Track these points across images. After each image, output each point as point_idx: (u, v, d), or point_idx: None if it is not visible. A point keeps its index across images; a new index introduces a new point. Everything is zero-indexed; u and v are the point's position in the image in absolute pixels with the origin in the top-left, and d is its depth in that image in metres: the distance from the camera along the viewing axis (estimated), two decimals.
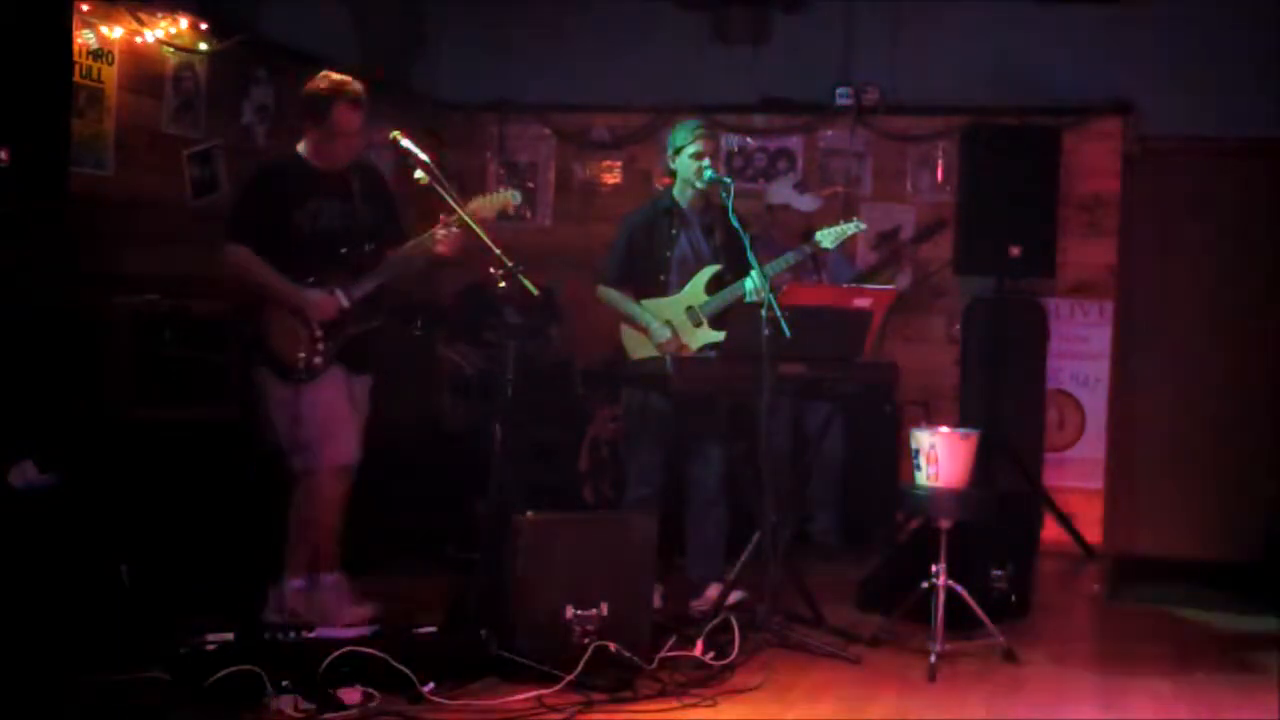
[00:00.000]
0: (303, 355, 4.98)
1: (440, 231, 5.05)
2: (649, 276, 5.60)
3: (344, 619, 4.92)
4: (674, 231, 5.61)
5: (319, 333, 5.01)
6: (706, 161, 5.47)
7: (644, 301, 5.57)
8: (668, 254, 5.60)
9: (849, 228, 5.58)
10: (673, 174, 5.63)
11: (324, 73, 5.05)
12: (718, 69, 7.85)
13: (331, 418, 5.02)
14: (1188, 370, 7.53)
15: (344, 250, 5.05)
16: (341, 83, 4.99)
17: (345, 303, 5.03)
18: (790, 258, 5.67)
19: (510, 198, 5.19)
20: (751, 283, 5.40)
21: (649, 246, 5.61)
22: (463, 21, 8.10)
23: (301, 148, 5.10)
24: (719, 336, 5.50)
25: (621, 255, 5.63)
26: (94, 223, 5.56)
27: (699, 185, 5.53)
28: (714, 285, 5.58)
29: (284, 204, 4.99)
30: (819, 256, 6.24)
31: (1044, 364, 7.40)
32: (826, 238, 5.56)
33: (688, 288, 5.59)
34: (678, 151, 5.56)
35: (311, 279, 5.01)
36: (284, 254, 4.96)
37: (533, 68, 8.02)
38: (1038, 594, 5.94)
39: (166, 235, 5.99)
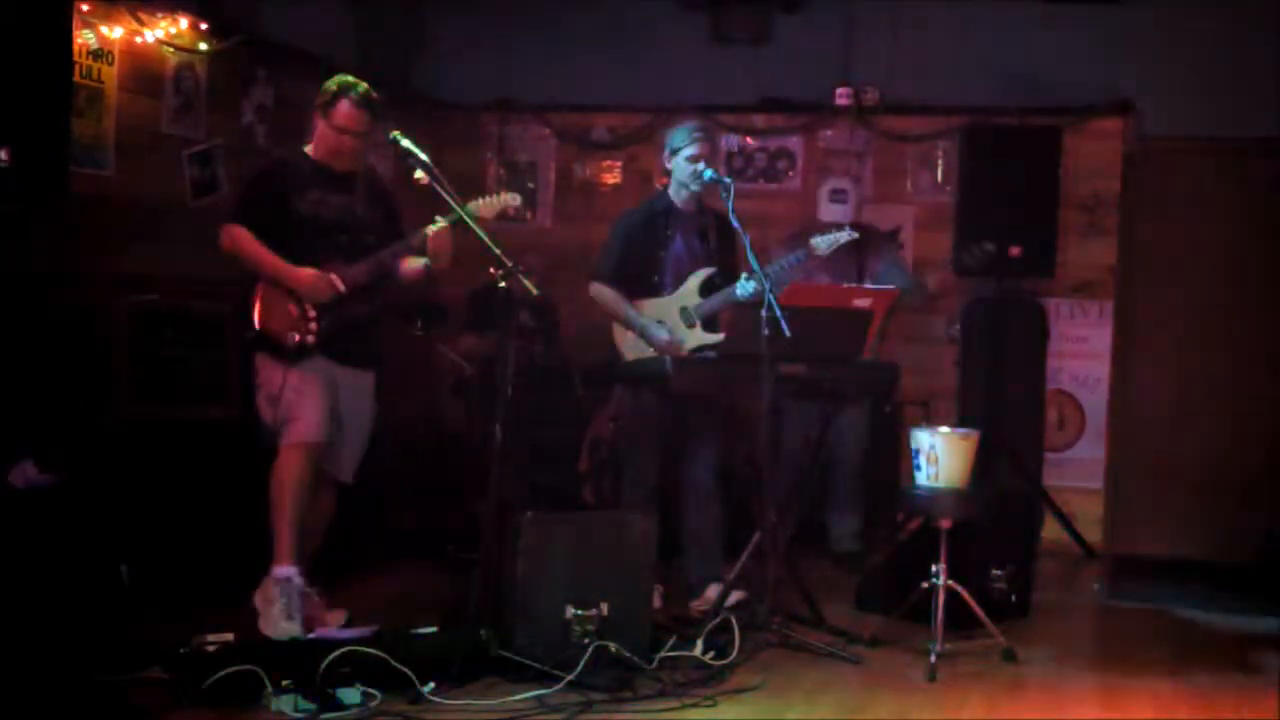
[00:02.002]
0: (294, 333, 4.98)
1: (431, 229, 5.05)
2: (643, 276, 5.61)
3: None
4: (669, 232, 5.63)
5: (311, 312, 5.01)
6: (702, 165, 5.49)
7: (639, 302, 5.58)
8: (662, 254, 5.62)
9: (841, 236, 5.62)
10: (669, 174, 5.65)
11: (340, 74, 5.10)
12: (718, 69, 7.85)
13: (302, 397, 4.97)
14: (1188, 370, 7.53)
15: (344, 240, 5.06)
16: (350, 82, 5.05)
17: (341, 286, 5.02)
18: (787, 261, 5.69)
19: (510, 199, 5.19)
20: (743, 289, 5.44)
21: (644, 246, 5.62)
22: (463, 21, 8.10)
23: (309, 147, 5.14)
24: (713, 338, 5.53)
25: (617, 254, 5.64)
26: (94, 223, 5.56)
27: (694, 188, 5.55)
28: (707, 287, 5.60)
29: (287, 193, 5.03)
30: (862, 260, 6.48)
31: (1044, 364, 7.40)
32: (821, 243, 5.60)
33: (682, 289, 5.61)
34: (674, 153, 5.58)
35: (308, 261, 5.00)
36: (283, 238, 4.98)
37: (533, 68, 8.03)
38: (1038, 594, 5.94)
39: (166, 235, 6.00)
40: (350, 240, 5.08)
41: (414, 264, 5.16)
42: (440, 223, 5.05)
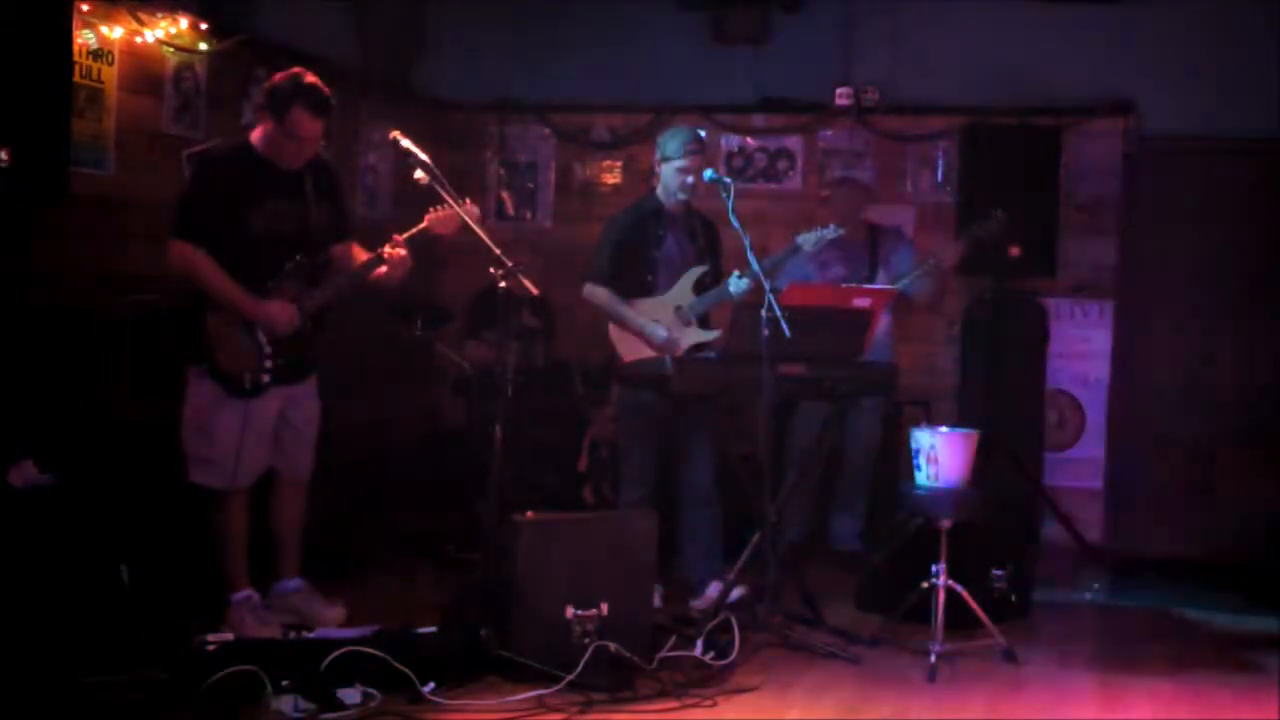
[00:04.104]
0: (250, 371, 4.85)
1: (387, 252, 4.96)
2: (636, 277, 5.63)
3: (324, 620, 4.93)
4: (660, 232, 5.65)
5: (268, 349, 4.88)
6: (690, 179, 5.53)
7: (634, 302, 5.59)
8: (655, 254, 5.64)
9: (826, 233, 5.64)
10: (657, 176, 5.68)
11: (296, 70, 4.92)
12: (718, 69, 7.85)
13: (245, 445, 4.87)
14: (1188, 370, 7.53)
15: (297, 257, 4.92)
16: (307, 86, 4.81)
17: (298, 320, 4.91)
18: (775, 259, 5.71)
19: (469, 210, 5.03)
20: (735, 286, 5.47)
21: (636, 246, 5.64)
22: (463, 21, 8.10)
23: (256, 138, 4.95)
24: (709, 336, 5.55)
25: (610, 255, 5.66)
26: (94, 223, 5.56)
27: (681, 196, 5.61)
28: (700, 285, 5.63)
29: (237, 200, 4.83)
30: (876, 253, 6.55)
31: (1044, 364, 7.39)
32: (807, 241, 5.62)
33: (675, 288, 5.64)
34: (665, 160, 5.60)
35: (267, 285, 4.86)
36: (236, 255, 4.81)
37: (533, 68, 8.02)
38: (1038, 594, 5.94)
39: (167, 235, 5.99)
40: (306, 257, 4.94)
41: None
42: (399, 246, 4.96)
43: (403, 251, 4.96)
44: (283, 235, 4.91)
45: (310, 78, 4.87)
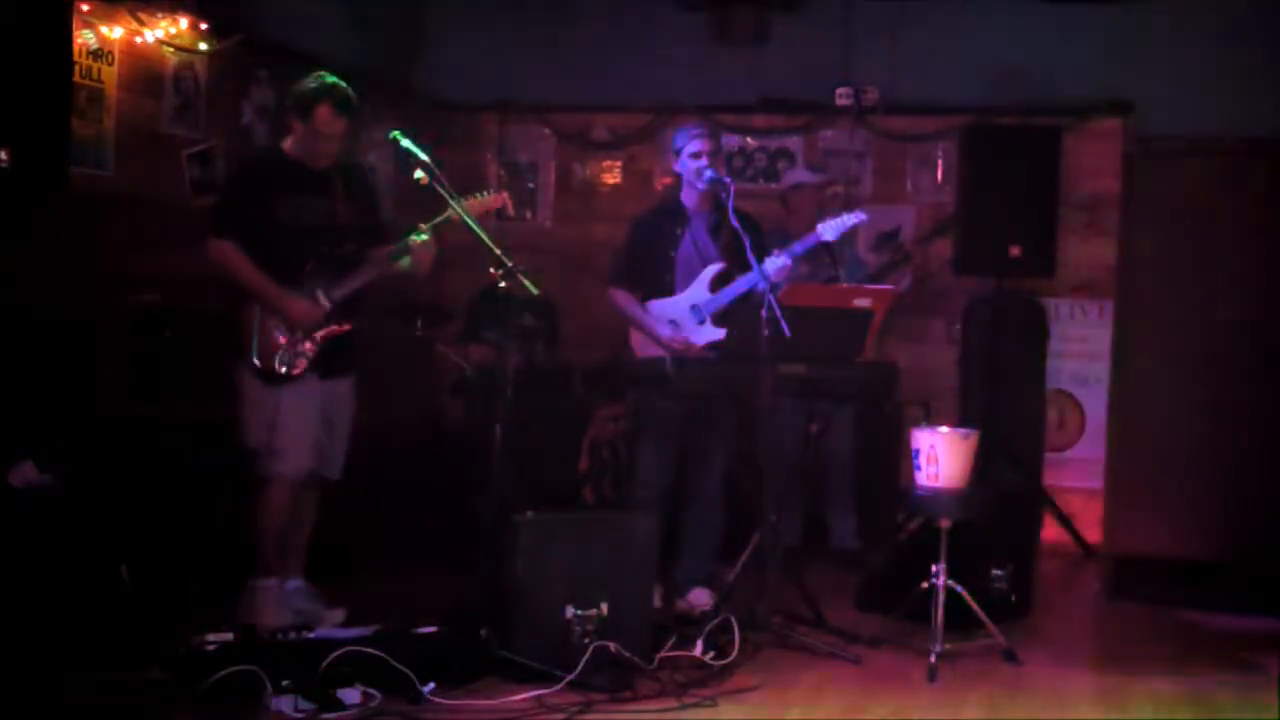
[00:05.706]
0: (284, 358, 4.97)
1: (414, 238, 5.04)
2: (654, 276, 5.60)
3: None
4: (679, 231, 5.62)
5: (300, 335, 5.00)
6: (705, 161, 5.48)
7: (649, 302, 5.58)
8: (672, 253, 5.61)
9: (850, 219, 5.57)
10: (677, 175, 5.66)
11: (319, 72, 5.04)
12: (718, 69, 7.85)
13: (293, 428, 4.99)
14: (1188, 370, 7.53)
15: (325, 249, 5.03)
16: (330, 85, 4.97)
17: (326, 305, 5.01)
18: (796, 249, 5.68)
19: (499, 198, 5.19)
20: (749, 282, 5.42)
21: (654, 246, 5.62)
22: (463, 22, 8.10)
23: (287, 143, 5.09)
24: (722, 334, 5.52)
25: (628, 256, 5.65)
26: (94, 223, 5.56)
27: (700, 186, 5.55)
28: (718, 284, 5.59)
29: (267, 197, 4.98)
30: (833, 251, 6.30)
31: (1044, 364, 7.40)
32: (828, 230, 5.56)
33: (692, 286, 5.60)
34: (678, 154, 5.59)
35: (298, 275, 4.98)
36: (266, 248, 4.94)
37: (533, 68, 8.03)
38: (1038, 594, 5.94)
39: (166, 235, 5.99)
40: (333, 251, 5.04)
41: (400, 265, 5.14)
42: (424, 233, 5.04)
43: (427, 238, 5.03)
44: (311, 230, 5.01)
45: (333, 78, 5.01)
